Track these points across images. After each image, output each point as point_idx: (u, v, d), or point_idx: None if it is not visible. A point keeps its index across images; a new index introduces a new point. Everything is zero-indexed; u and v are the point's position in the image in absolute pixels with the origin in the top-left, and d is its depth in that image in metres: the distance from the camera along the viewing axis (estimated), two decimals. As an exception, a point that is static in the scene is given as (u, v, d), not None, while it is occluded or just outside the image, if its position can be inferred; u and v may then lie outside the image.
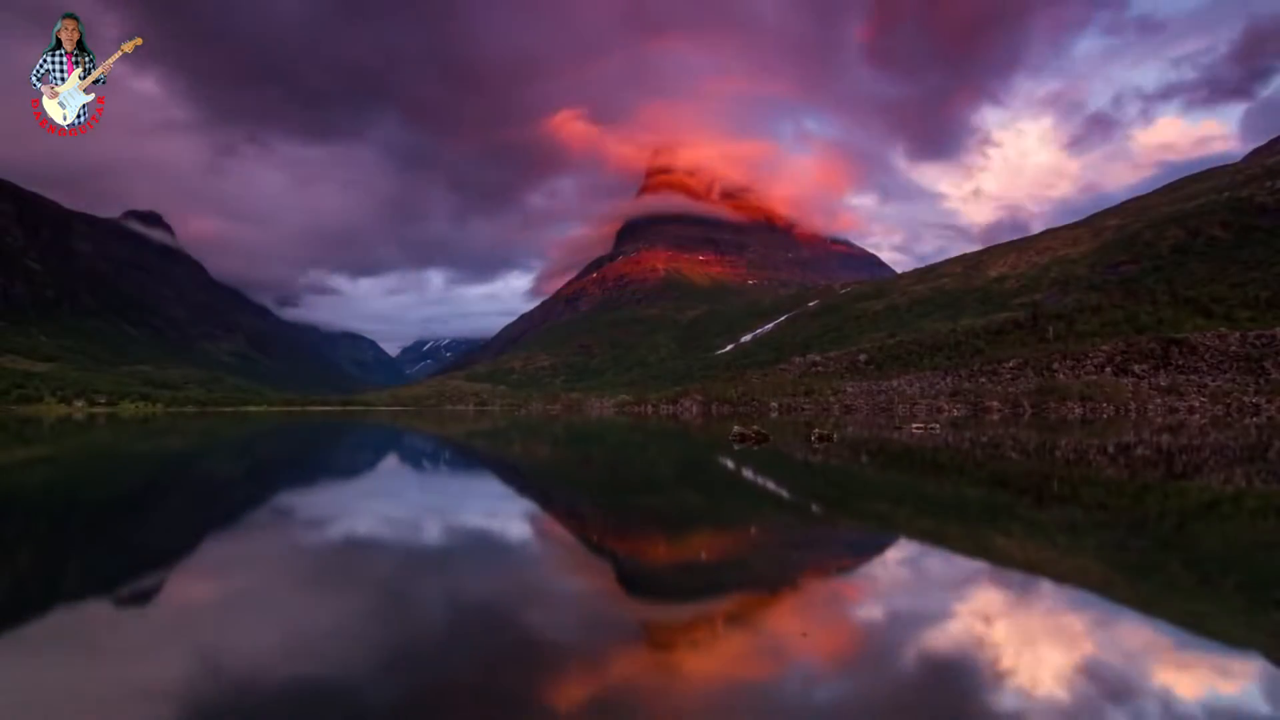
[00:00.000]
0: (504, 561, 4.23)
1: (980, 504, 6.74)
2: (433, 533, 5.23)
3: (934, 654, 2.62)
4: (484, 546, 4.73)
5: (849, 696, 2.28)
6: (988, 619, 3.04)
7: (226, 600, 3.40)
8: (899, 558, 4.45)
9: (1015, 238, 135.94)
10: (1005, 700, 2.21)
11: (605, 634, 2.89)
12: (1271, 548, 4.66)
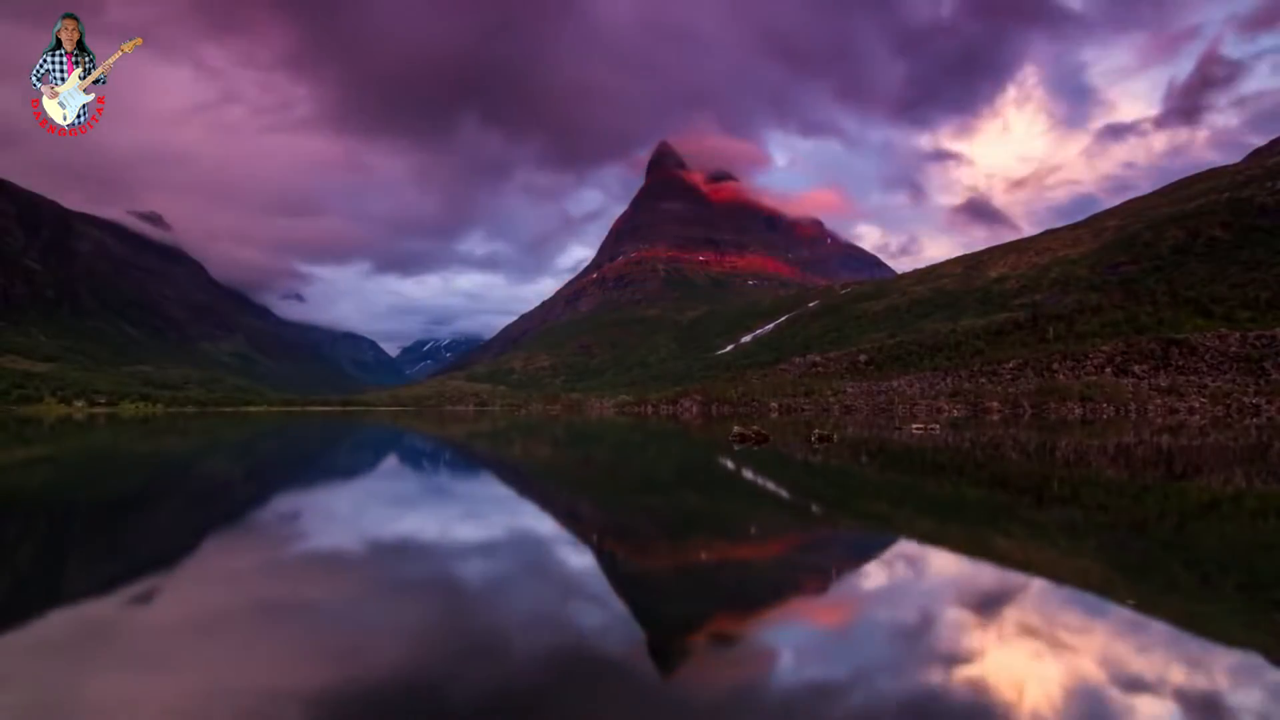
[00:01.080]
0: (505, 561, 4.23)
1: (980, 505, 6.73)
2: (434, 535, 5.22)
3: (934, 655, 2.61)
4: (485, 546, 4.72)
5: (850, 697, 2.28)
6: (988, 620, 3.03)
7: (228, 603, 3.39)
8: (899, 559, 4.44)
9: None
10: (1005, 701, 2.20)
11: (603, 635, 2.89)
12: (1271, 548, 4.65)
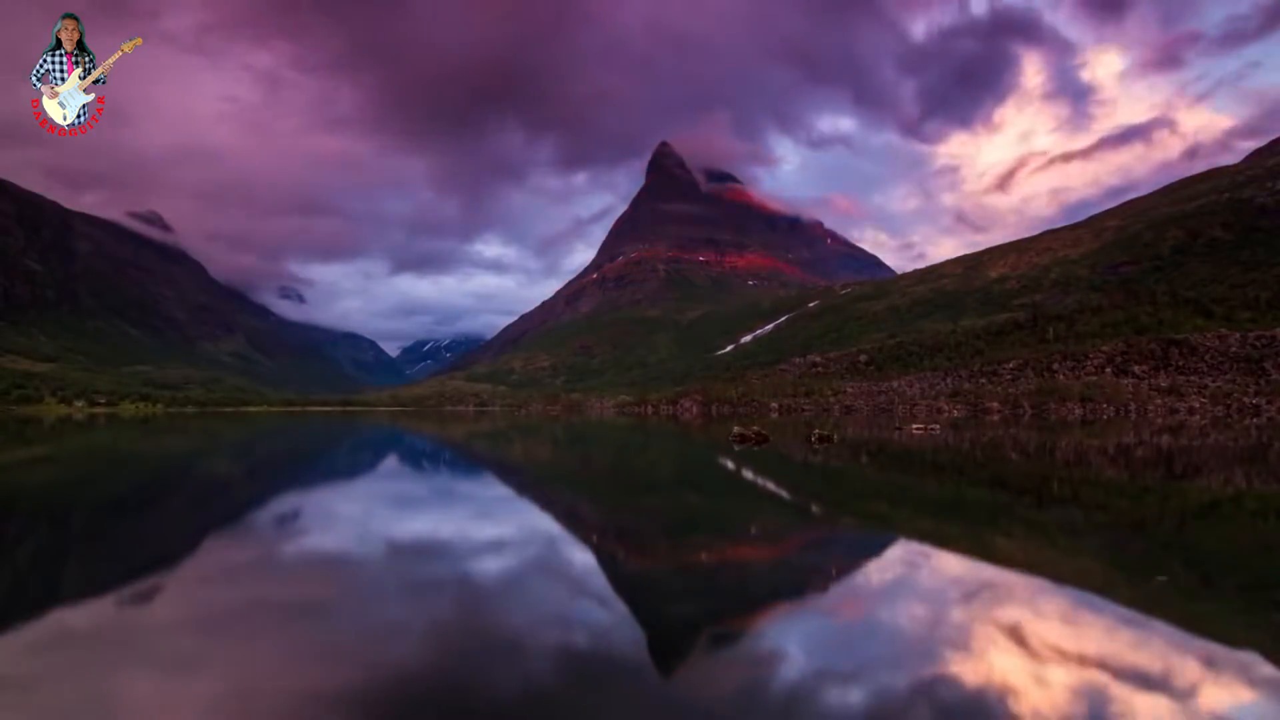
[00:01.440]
0: (506, 561, 4.23)
1: (980, 505, 6.73)
2: (435, 536, 5.23)
3: (934, 655, 2.61)
4: (487, 547, 4.72)
5: (850, 697, 2.28)
6: (988, 619, 3.03)
7: (233, 604, 3.39)
8: (899, 559, 4.44)
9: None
10: (1005, 702, 2.20)
11: (603, 635, 2.89)
12: (1272, 549, 4.65)
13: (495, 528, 5.49)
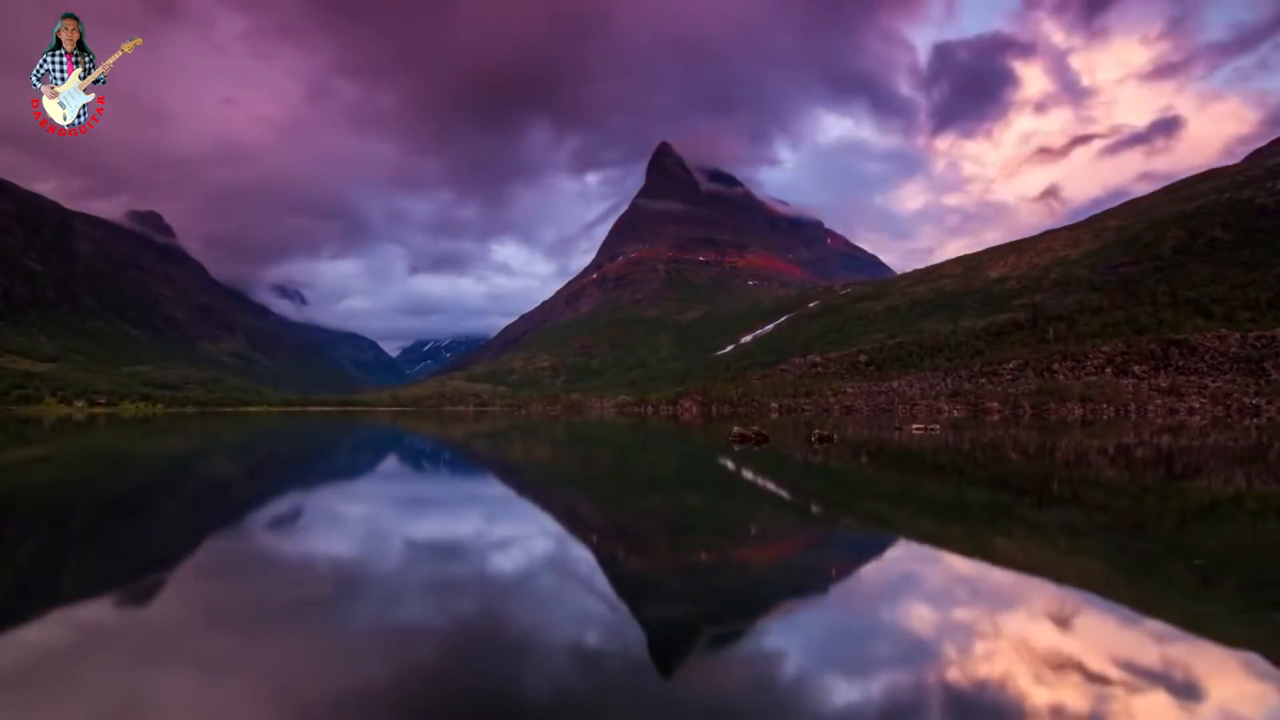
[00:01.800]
0: (506, 562, 4.23)
1: (981, 505, 6.73)
2: (436, 539, 5.23)
3: (934, 656, 2.61)
4: (488, 548, 4.72)
5: (850, 697, 2.28)
6: (989, 621, 3.03)
7: (232, 607, 3.39)
8: (899, 559, 4.44)
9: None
10: (1006, 702, 2.20)
11: (603, 636, 2.89)
12: (1272, 549, 4.65)
13: (497, 529, 5.49)
